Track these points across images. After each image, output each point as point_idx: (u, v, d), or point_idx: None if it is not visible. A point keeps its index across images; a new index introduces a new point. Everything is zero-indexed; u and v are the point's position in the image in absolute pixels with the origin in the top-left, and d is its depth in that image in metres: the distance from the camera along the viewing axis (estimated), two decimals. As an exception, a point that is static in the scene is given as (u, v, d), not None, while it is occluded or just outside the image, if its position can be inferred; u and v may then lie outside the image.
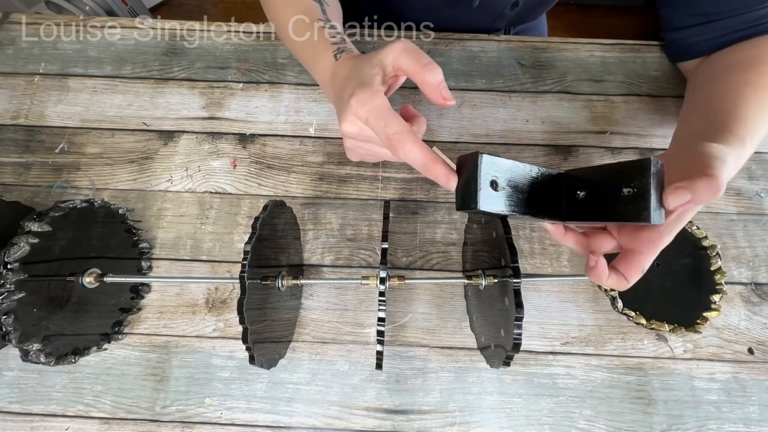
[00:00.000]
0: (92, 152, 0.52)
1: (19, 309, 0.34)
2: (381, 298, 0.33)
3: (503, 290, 0.33)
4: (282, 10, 0.47)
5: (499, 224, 0.34)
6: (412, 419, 0.41)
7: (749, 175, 0.51)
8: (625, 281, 0.31)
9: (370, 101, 0.32)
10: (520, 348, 0.30)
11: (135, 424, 0.41)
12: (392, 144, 0.31)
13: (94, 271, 0.40)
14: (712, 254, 0.46)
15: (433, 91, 0.33)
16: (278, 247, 0.41)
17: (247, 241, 0.33)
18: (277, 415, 0.42)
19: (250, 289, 0.32)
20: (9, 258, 0.34)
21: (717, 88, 0.44)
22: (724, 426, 0.41)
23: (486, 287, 0.37)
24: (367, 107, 0.32)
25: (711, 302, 0.44)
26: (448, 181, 0.29)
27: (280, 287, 0.38)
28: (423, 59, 0.33)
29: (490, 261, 0.38)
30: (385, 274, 0.34)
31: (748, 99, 0.40)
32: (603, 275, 0.31)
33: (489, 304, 0.38)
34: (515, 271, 0.31)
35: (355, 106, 0.32)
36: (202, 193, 0.50)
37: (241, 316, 0.32)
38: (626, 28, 1.56)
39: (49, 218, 0.36)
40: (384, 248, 0.35)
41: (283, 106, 0.55)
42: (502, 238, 0.33)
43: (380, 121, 0.31)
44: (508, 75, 0.57)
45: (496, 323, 0.35)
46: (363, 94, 0.32)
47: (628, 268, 0.31)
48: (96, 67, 0.57)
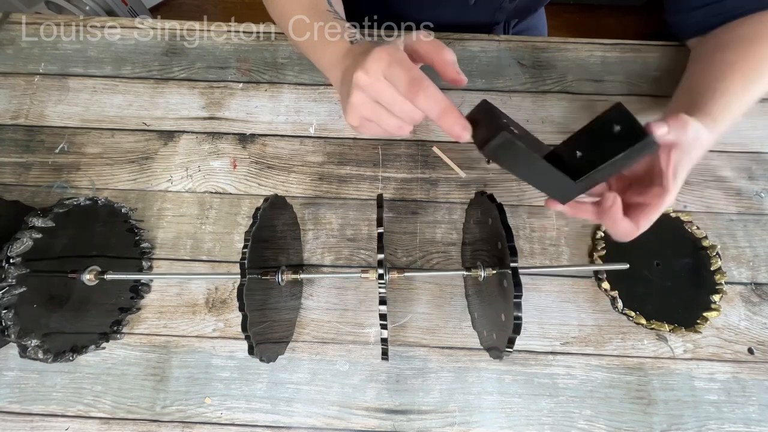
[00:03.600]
0: (92, 152, 0.52)
1: (20, 304, 0.34)
2: (380, 281, 0.33)
3: (501, 276, 0.34)
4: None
5: (495, 210, 0.34)
6: (412, 419, 0.41)
7: (749, 175, 0.51)
8: (636, 229, 0.34)
9: (395, 53, 0.33)
10: (520, 329, 0.30)
11: (135, 424, 0.41)
12: (414, 88, 0.32)
13: (94, 269, 0.40)
14: (712, 254, 0.46)
15: (449, 68, 0.35)
16: (278, 247, 0.41)
17: (248, 230, 0.33)
18: (277, 415, 0.42)
19: (250, 285, 0.32)
20: (12, 252, 0.34)
21: (700, 68, 0.46)
22: (724, 426, 0.41)
23: (485, 278, 0.38)
24: (392, 56, 0.33)
25: (711, 302, 0.44)
26: (462, 131, 0.31)
27: (279, 282, 0.38)
28: (439, 43, 0.36)
29: (488, 258, 0.38)
30: (382, 257, 0.34)
31: (727, 78, 0.42)
32: (618, 215, 0.33)
33: (489, 295, 0.38)
34: (512, 250, 0.31)
35: (378, 54, 0.33)
36: (202, 193, 0.50)
37: (240, 302, 0.31)
38: (626, 28, 1.56)
39: (53, 214, 0.36)
40: (380, 233, 0.35)
41: (283, 106, 0.55)
42: (498, 222, 0.33)
43: (403, 67, 0.32)
44: (508, 75, 0.57)
45: (496, 310, 0.35)
46: (389, 47, 0.33)
47: (639, 217, 0.34)
48: (96, 67, 0.57)
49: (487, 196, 0.37)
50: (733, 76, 0.42)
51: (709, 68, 0.44)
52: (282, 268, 0.38)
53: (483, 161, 0.52)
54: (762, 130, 0.53)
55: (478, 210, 0.40)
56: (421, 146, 0.53)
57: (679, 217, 0.48)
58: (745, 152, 0.52)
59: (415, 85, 0.32)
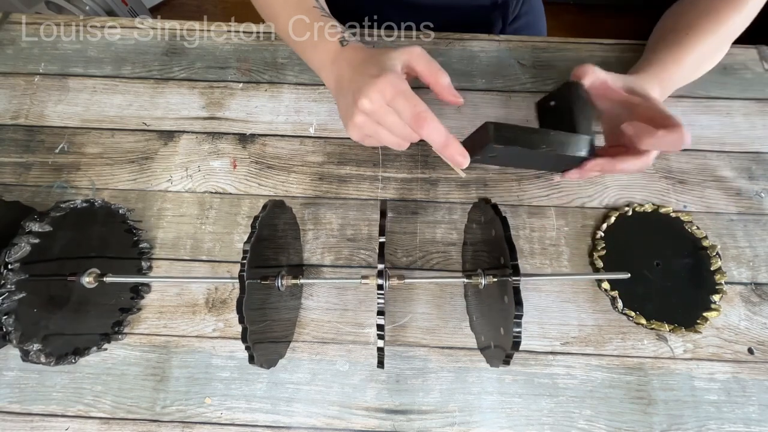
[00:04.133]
0: (92, 152, 0.52)
1: (20, 309, 0.34)
2: (380, 292, 0.34)
3: (503, 289, 0.33)
4: None
5: (498, 223, 0.34)
6: (412, 419, 0.41)
7: (749, 175, 0.51)
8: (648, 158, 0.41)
9: (399, 84, 0.35)
10: (519, 347, 0.31)
11: (135, 424, 0.41)
12: (419, 122, 0.34)
13: (94, 271, 0.40)
14: (712, 254, 0.46)
15: (445, 91, 0.39)
16: (278, 247, 0.41)
17: (246, 240, 0.33)
18: (277, 415, 0.42)
19: (249, 288, 0.32)
20: (10, 258, 0.34)
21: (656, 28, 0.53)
22: (724, 426, 0.41)
23: (486, 286, 0.37)
24: (396, 88, 0.35)
25: (711, 302, 0.44)
26: (463, 159, 0.36)
27: (279, 287, 0.38)
28: (435, 65, 0.39)
29: (489, 261, 0.38)
30: (382, 266, 0.34)
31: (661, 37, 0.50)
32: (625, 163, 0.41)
33: (488, 304, 0.38)
34: (514, 269, 0.31)
35: (383, 85, 0.35)
36: (202, 193, 0.50)
37: (240, 315, 0.32)
38: (626, 28, 1.56)
39: (50, 218, 0.36)
40: (381, 242, 0.35)
41: (283, 106, 0.55)
42: (502, 238, 0.33)
43: (409, 101, 0.35)
44: (508, 75, 0.57)
45: (495, 322, 0.35)
46: (391, 77, 0.35)
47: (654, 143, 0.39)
48: (96, 67, 0.57)
49: (492, 206, 0.36)
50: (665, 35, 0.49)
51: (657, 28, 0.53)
52: (282, 273, 0.38)
53: (483, 161, 0.52)
54: (762, 130, 0.53)
55: (481, 216, 0.40)
56: (421, 146, 0.53)
57: (679, 217, 0.48)
58: (745, 152, 0.52)
59: (419, 119, 0.34)
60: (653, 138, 0.37)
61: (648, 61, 0.48)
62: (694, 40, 0.46)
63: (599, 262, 0.46)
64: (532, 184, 0.51)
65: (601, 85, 0.42)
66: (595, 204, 0.50)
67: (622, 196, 0.50)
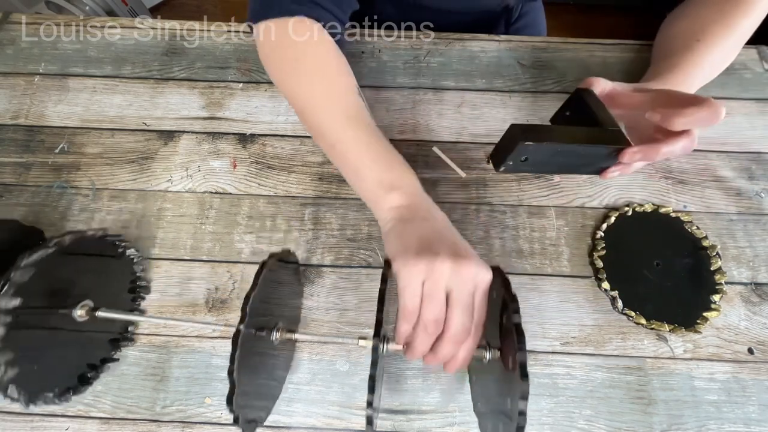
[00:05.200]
0: (92, 152, 0.52)
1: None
2: (373, 367, 0.29)
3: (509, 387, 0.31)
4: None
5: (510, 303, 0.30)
6: (412, 419, 0.41)
7: (749, 175, 0.51)
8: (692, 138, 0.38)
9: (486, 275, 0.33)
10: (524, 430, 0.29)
11: (135, 424, 0.41)
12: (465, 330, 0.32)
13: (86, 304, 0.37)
14: (712, 254, 0.46)
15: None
16: (276, 303, 0.38)
17: (245, 299, 0.30)
18: (277, 415, 0.41)
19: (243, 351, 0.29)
20: None
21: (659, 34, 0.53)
22: (724, 426, 0.41)
23: (490, 361, 0.34)
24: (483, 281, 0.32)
25: (711, 302, 0.44)
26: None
27: (273, 340, 0.35)
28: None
29: (492, 330, 0.35)
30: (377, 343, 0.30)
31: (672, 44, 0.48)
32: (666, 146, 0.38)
33: (491, 380, 0.35)
34: (522, 369, 0.30)
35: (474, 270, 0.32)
36: (202, 193, 0.50)
37: (231, 384, 0.28)
38: (626, 28, 1.56)
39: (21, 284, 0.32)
40: (378, 319, 0.31)
41: (284, 106, 0.55)
42: (510, 321, 0.30)
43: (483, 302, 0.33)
44: (508, 75, 0.57)
45: (499, 394, 0.33)
46: (485, 268, 0.33)
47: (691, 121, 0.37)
48: (96, 67, 0.57)
49: (501, 278, 0.32)
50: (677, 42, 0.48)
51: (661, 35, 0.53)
52: (278, 325, 0.35)
53: (483, 161, 0.52)
54: (762, 130, 0.53)
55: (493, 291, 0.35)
56: (421, 146, 0.53)
57: (679, 217, 0.48)
58: (745, 152, 0.52)
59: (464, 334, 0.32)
60: (683, 117, 0.35)
61: (657, 71, 0.46)
62: (704, 49, 0.45)
63: (599, 262, 0.46)
64: (531, 184, 0.51)
65: (610, 92, 0.41)
66: (595, 204, 0.50)
67: (622, 196, 0.50)
